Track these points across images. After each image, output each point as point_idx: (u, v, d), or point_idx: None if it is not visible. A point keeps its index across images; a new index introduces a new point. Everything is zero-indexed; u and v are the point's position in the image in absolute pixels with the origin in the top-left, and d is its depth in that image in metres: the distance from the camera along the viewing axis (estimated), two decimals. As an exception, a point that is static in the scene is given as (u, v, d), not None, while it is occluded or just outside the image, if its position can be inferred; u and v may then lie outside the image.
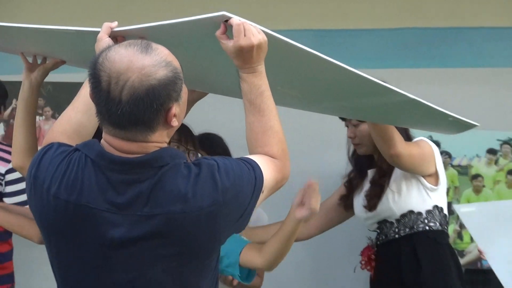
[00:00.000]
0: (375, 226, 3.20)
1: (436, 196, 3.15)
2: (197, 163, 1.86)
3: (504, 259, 3.31)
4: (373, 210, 3.14)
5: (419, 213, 3.10)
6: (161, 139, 1.87)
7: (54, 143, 1.94)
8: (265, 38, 1.95)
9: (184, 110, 1.92)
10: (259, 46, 1.94)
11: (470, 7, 5.37)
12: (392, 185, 3.12)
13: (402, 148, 2.94)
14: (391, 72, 3.43)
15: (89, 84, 1.84)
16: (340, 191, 3.37)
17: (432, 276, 3.05)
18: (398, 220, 3.10)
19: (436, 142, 3.31)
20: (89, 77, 1.83)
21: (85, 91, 1.94)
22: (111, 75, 1.77)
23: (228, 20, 1.93)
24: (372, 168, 3.23)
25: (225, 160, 1.91)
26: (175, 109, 1.83)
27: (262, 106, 1.99)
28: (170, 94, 1.81)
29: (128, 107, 1.77)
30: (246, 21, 1.95)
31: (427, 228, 3.10)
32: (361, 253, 3.27)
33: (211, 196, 1.82)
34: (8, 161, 3.44)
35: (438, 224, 3.13)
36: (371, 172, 3.22)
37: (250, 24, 1.95)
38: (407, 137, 3.14)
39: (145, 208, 1.80)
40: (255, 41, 1.93)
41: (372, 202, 3.14)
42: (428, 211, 3.11)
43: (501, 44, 5.33)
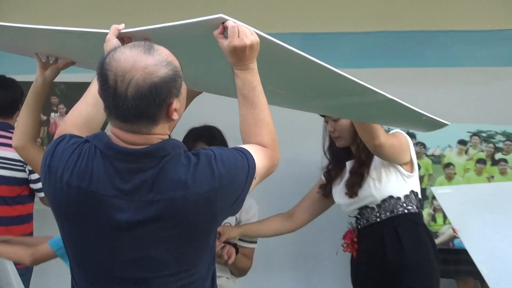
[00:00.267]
0: (356, 212, 3.18)
1: (412, 182, 3.15)
2: (196, 153, 1.88)
3: (477, 238, 3.32)
4: (355, 196, 3.12)
5: (398, 198, 3.10)
6: (163, 131, 1.89)
7: (66, 135, 1.95)
8: (257, 39, 1.96)
9: (183, 105, 1.94)
10: (251, 46, 1.95)
11: (441, 12, 5.39)
12: (372, 173, 3.11)
13: (385, 139, 2.94)
14: (370, 71, 3.43)
15: (98, 82, 1.85)
16: (319, 183, 3.36)
17: (413, 254, 3.06)
18: (379, 205, 3.10)
19: (412, 134, 3.33)
20: (97, 76, 1.85)
21: (94, 87, 1.94)
22: (117, 74, 1.79)
23: (225, 22, 1.93)
24: (348, 159, 3.22)
25: (221, 150, 1.93)
26: (175, 104, 1.85)
27: (254, 99, 2.00)
28: (171, 90, 1.83)
29: (133, 102, 1.79)
30: (241, 24, 1.95)
31: (406, 211, 3.10)
32: (344, 237, 3.25)
33: (208, 183, 1.84)
34: None
35: (415, 207, 3.13)
36: (349, 163, 3.21)
37: (244, 26, 1.95)
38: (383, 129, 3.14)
39: (149, 194, 1.82)
40: (247, 42, 1.93)
41: (353, 190, 3.12)
42: (406, 196, 3.11)
43: (470, 46, 5.34)
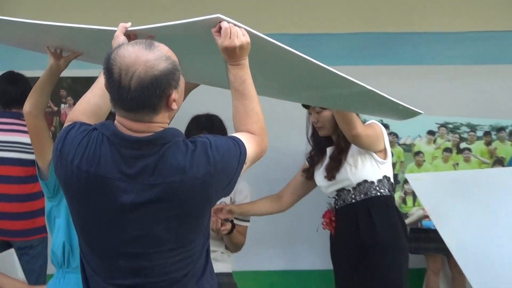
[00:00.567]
0: (334, 193, 3.18)
1: (385, 168, 3.14)
2: (193, 141, 1.88)
3: (446, 219, 3.32)
4: (333, 179, 3.12)
5: (372, 182, 3.09)
6: (163, 120, 1.88)
7: (77, 122, 1.95)
8: (248, 40, 1.95)
9: (182, 96, 1.93)
10: (241, 47, 1.94)
11: (415, 16, 5.40)
12: (350, 159, 3.10)
13: (361, 129, 2.95)
14: (350, 68, 3.41)
15: (104, 76, 1.85)
16: (303, 167, 3.35)
17: (384, 232, 3.05)
18: (354, 188, 3.10)
19: (386, 124, 3.33)
20: (103, 70, 1.85)
21: (101, 80, 1.92)
22: (121, 68, 1.79)
23: (221, 22, 1.93)
24: (329, 146, 3.21)
25: (216, 138, 1.93)
26: (174, 95, 1.85)
27: (245, 92, 1.99)
28: (170, 82, 1.83)
29: (136, 94, 1.79)
30: (234, 25, 1.95)
31: (378, 194, 3.09)
32: (323, 216, 3.25)
33: (204, 168, 1.84)
34: None
35: (387, 190, 3.12)
36: (329, 149, 3.20)
37: (240, 26, 1.95)
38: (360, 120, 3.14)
39: (151, 178, 1.82)
40: (237, 43, 1.93)
41: (332, 173, 3.12)
42: (379, 180, 3.11)
43: (440, 46, 5.38)
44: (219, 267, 3.24)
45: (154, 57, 1.80)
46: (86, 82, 2.21)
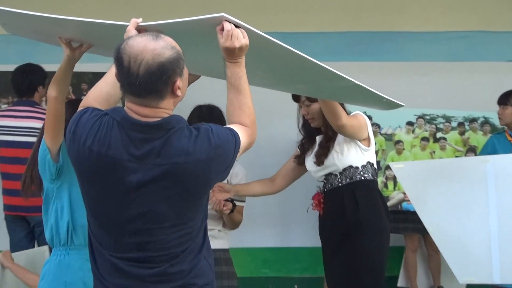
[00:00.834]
0: (323, 177, 3.17)
1: (369, 155, 3.13)
2: (196, 127, 1.90)
3: (425, 203, 3.33)
4: (321, 165, 3.11)
5: (357, 167, 3.08)
6: (169, 106, 1.88)
7: (89, 107, 1.95)
8: (247, 42, 1.95)
9: (185, 84, 1.93)
10: (240, 48, 1.94)
11: (397, 16, 5.40)
12: (336, 147, 3.09)
13: (346, 120, 2.94)
14: (338, 64, 3.38)
15: (115, 65, 1.85)
16: (295, 154, 3.34)
17: (367, 213, 3.05)
18: (341, 173, 3.09)
19: (369, 116, 3.34)
20: (114, 60, 1.85)
21: (113, 69, 1.92)
22: (130, 56, 1.80)
23: (223, 22, 1.92)
24: (319, 135, 3.21)
25: (217, 126, 1.94)
26: (179, 82, 1.86)
27: (240, 87, 1.99)
28: (175, 69, 1.83)
29: (144, 79, 1.80)
30: (236, 25, 1.94)
31: (362, 178, 3.09)
32: (313, 198, 3.25)
33: (206, 152, 1.85)
34: None
35: (370, 175, 3.12)
36: (319, 138, 3.19)
37: (242, 25, 1.94)
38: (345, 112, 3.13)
39: (157, 159, 1.83)
40: (237, 45, 1.93)
41: (320, 159, 3.11)
42: (363, 166, 3.10)
43: (419, 44, 5.38)
44: (216, 243, 3.24)
45: (161, 46, 1.81)
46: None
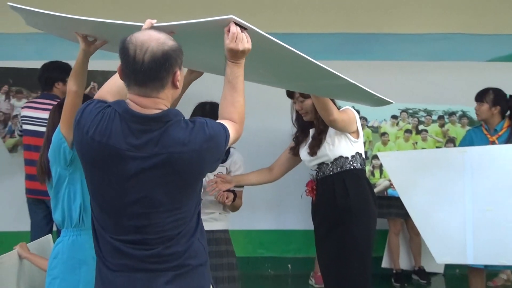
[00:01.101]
0: (316, 166, 3.16)
1: (358, 146, 3.12)
2: (192, 121, 1.88)
3: (409, 190, 3.35)
4: (314, 155, 3.10)
5: (347, 157, 3.07)
6: (167, 98, 1.87)
7: (95, 99, 1.95)
8: (249, 47, 1.95)
9: (182, 80, 1.92)
10: (243, 52, 1.93)
11: (384, 20, 5.41)
12: (328, 139, 3.08)
13: (337, 115, 2.93)
14: (330, 63, 3.38)
15: (120, 57, 1.83)
16: (290, 146, 3.33)
17: (356, 199, 3.05)
18: (332, 162, 3.08)
19: (357, 110, 3.32)
20: (120, 51, 1.83)
21: None
22: (136, 45, 1.79)
23: (234, 22, 1.91)
24: (311, 128, 3.20)
25: (211, 121, 1.92)
26: (179, 73, 1.84)
27: (236, 86, 1.98)
28: (177, 59, 1.83)
29: (149, 65, 1.78)
30: (243, 27, 1.92)
31: (352, 167, 3.08)
32: (306, 185, 3.24)
33: (201, 143, 1.84)
34: None
35: (359, 164, 3.11)
36: (312, 131, 3.19)
37: (249, 26, 1.93)
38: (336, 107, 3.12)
39: (155, 148, 1.81)
40: (240, 48, 1.92)
41: (314, 150, 3.10)
42: (352, 156, 3.09)
43: (405, 45, 5.41)
44: (217, 225, 3.25)
45: (163, 36, 1.81)
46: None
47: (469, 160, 3.35)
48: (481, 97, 4.00)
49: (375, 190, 4.21)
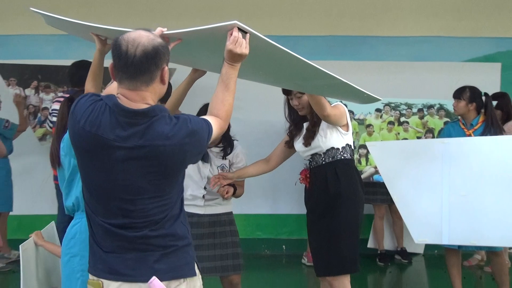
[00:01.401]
0: (309, 157, 3.16)
1: (347, 138, 3.12)
2: (177, 117, 1.86)
3: (393, 177, 3.35)
4: (308, 146, 3.10)
5: (338, 149, 3.08)
6: (155, 92, 1.85)
7: (89, 93, 1.94)
8: (246, 53, 1.95)
9: (167, 81, 1.89)
10: (240, 55, 1.93)
11: (371, 23, 5.42)
12: (321, 132, 3.08)
13: (330, 110, 2.93)
14: (321, 63, 3.39)
15: (113, 53, 1.82)
16: (284, 139, 3.32)
17: (346, 186, 3.05)
18: (324, 153, 3.08)
19: (345, 104, 3.30)
20: (112, 48, 1.82)
21: None
22: (128, 41, 1.78)
23: (238, 27, 1.90)
24: (303, 122, 3.20)
25: (195, 117, 1.91)
26: (166, 70, 1.83)
27: (228, 86, 1.97)
28: (165, 56, 1.83)
29: (140, 59, 1.77)
30: (245, 31, 1.92)
31: (342, 157, 3.08)
32: (300, 173, 3.24)
33: (183, 137, 1.82)
34: None
35: (349, 155, 3.11)
36: (305, 124, 3.18)
37: (251, 31, 1.92)
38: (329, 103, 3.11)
39: (140, 140, 1.80)
40: (238, 51, 1.91)
41: (308, 141, 3.10)
42: (343, 147, 3.09)
43: (390, 47, 5.43)
44: (221, 209, 3.28)
45: (153, 35, 1.82)
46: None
47: (447, 151, 3.35)
48: (458, 94, 4.02)
49: (362, 176, 4.20)
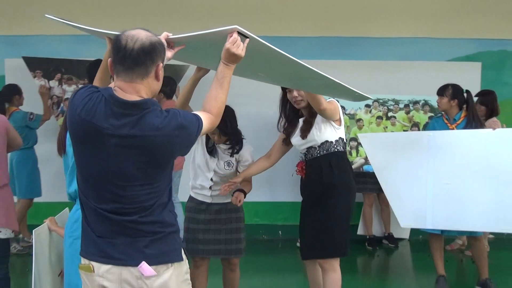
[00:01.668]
0: (305, 150, 3.16)
1: (340, 132, 3.13)
2: (167, 110, 1.85)
3: (383, 167, 3.37)
4: (305, 138, 3.10)
5: (331, 142, 3.08)
6: (149, 87, 1.84)
7: (89, 85, 1.94)
8: (242, 54, 1.92)
9: (162, 76, 1.87)
10: (236, 56, 1.93)
11: (361, 25, 5.43)
12: (316, 126, 3.08)
13: (326, 105, 2.93)
14: (314, 62, 3.39)
15: (113, 48, 1.81)
16: (282, 137, 3.31)
17: (339, 177, 3.06)
18: (319, 146, 3.08)
19: (337, 100, 3.32)
20: (113, 43, 1.82)
21: None
22: (128, 37, 1.78)
23: (237, 31, 1.90)
24: (297, 120, 3.20)
25: (184, 111, 1.89)
26: (161, 66, 1.82)
27: (222, 84, 1.96)
28: (161, 53, 1.83)
29: (137, 52, 1.77)
30: (245, 35, 1.92)
31: (336, 150, 3.09)
32: (297, 165, 3.24)
33: (172, 129, 1.81)
34: None
35: (341, 147, 3.12)
36: (301, 120, 3.18)
37: (250, 35, 1.92)
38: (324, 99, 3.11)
39: (132, 130, 1.78)
40: (236, 52, 1.91)
41: (305, 134, 3.10)
42: (336, 140, 3.09)
43: (381, 47, 5.43)
44: (228, 198, 3.25)
45: (151, 33, 1.82)
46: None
47: (433, 142, 3.37)
48: (442, 91, 4.03)
49: (353, 167, 4.24)
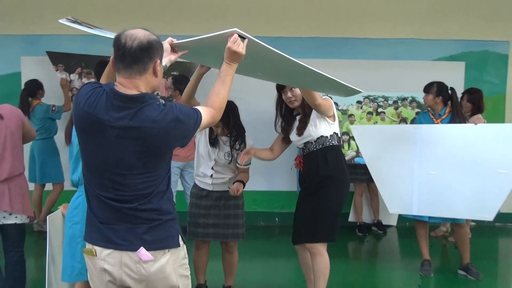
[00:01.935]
0: (302, 145, 3.16)
1: (334, 127, 3.12)
2: (164, 104, 1.84)
3: (374, 158, 3.39)
4: (301, 135, 3.11)
5: (326, 137, 3.08)
6: (147, 82, 1.83)
7: (93, 81, 1.95)
8: (243, 53, 1.93)
9: (161, 74, 1.87)
10: (237, 54, 1.94)
11: (353, 26, 5.41)
12: (311, 122, 3.09)
13: (321, 100, 2.92)
14: (309, 60, 3.38)
15: (114, 47, 1.81)
16: (281, 136, 3.30)
17: (335, 170, 3.06)
18: (315, 141, 3.08)
19: (330, 96, 3.32)
20: (114, 42, 1.81)
21: None
22: (127, 36, 1.78)
23: (237, 33, 1.92)
24: (292, 118, 3.21)
25: (181, 105, 1.87)
26: (158, 63, 1.81)
27: (225, 81, 1.97)
28: (159, 50, 1.82)
29: (135, 50, 1.77)
30: (244, 37, 1.93)
31: (331, 144, 3.08)
32: (295, 159, 3.24)
33: (168, 122, 1.80)
34: None
35: (336, 142, 3.11)
36: (298, 117, 3.18)
37: (248, 36, 1.93)
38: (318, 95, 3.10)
39: (131, 122, 1.78)
40: (236, 49, 1.92)
41: (301, 131, 3.11)
42: (331, 135, 3.09)
43: (369, 47, 5.40)
44: (227, 187, 3.26)
45: (149, 32, 1.81)
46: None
47: (419, 135, 3.40)
48: (427, 89, 4.04)
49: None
